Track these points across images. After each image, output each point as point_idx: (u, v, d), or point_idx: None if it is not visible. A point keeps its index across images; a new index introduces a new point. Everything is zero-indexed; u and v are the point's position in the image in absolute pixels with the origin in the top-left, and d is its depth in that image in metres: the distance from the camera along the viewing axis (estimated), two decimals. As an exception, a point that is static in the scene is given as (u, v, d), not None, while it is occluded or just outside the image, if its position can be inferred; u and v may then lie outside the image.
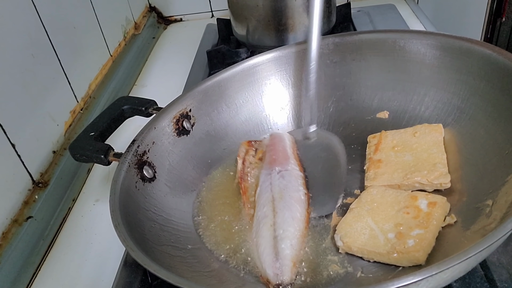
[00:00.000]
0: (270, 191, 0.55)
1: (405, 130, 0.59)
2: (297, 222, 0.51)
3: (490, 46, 0.55)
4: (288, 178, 0.56)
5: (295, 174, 0.57)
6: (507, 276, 0.45)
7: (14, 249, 0.58)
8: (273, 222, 0.51)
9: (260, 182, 0.57)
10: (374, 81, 0.66)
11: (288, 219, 0.51)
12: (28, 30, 0.69)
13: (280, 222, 0.51)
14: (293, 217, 0.51)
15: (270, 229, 0.51)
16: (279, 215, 0.52)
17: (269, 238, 0.50)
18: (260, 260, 0.49)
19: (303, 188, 0.56)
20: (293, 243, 0.49)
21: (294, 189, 0.55)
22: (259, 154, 0.62)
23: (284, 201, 0.53)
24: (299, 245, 0.50)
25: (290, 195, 0.54)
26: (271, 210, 0.52)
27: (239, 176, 0.60)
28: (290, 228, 0.50)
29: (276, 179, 0.56)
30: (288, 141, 0.62)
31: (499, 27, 0.86)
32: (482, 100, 0.55)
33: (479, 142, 0.54)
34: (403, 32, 0.64)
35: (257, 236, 0.51)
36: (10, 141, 0.61)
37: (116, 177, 0.52)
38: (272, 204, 0.53)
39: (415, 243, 0.45)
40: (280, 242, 0.49)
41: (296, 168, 0.58)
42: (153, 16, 1.21)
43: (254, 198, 0.56)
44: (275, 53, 0.69)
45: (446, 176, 0.52)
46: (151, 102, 0.63)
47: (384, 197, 0.52)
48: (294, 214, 0.52)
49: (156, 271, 0.40)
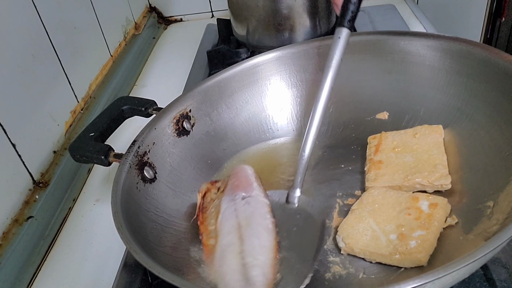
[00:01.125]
0: (236, 217, 0.51)
1: (405, 131, 0.59)
2: (267, 251, 0.48)
3: (490, 48, 0.55)
4: (254, 205, 0.52)
5: (261, 201, 0.53)
6: (507, 276, 0.45)
7: (14, 249, 0.58)
8: (240, 250, 0.47)
9: (222, 209, 0.52)
10: (374, 82, 0.66)
11: (257, 247, 0.48)
12: (28, 30, 0.69)
13: (249, 250, 0.47)
14: (263, 246, 0.48)
15: (238, 257, 0.46)
16: (247, 243, 0.48)
17: (236, 266, 0.46)
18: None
19: (270, 216, 0.52)
20: (265, 271, 0.46)
21: (261, 216, 0.51)
22: (221, 187, 0.57)
23: (251, 228, 0.49)
24: (271, 274, 0.46)
25: (257, 222, 0.50)
26: (237, 237, 0.48)
27: (197, 211, 0.55)
28: (260, 257, 0.47)
29: (241, 205, 0.52)
30: (250, 171, 0.57)
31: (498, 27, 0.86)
32: (482, 102, 0.55)
33: (479, 144, 0.54)
34: (404, 33, 0.64)
35: (222, 265, 0.47)
36: (10, 141, 0.61)
37: (118, 178, 0.52)
38: (239, 231, 0.49)
39: (417, 244, 0.45)
40: (251, 270, 0.45)
41: (261, 194, 0.54)
42: (153, 16, 1.21)
43: (214, 226, 0.51)
44: (276, 53, 0.69)
45: (447, 177, 0.52)
46: (150, 102, 0.63)
47: (386, 198, 0.52)
48: (263, 243, 0.48)
49: (160, 274, 0.40)
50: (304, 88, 0.69)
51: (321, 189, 0.58)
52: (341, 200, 0.56)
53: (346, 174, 0.59)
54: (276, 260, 0.48)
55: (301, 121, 0.69)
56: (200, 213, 0.54)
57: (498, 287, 0.45)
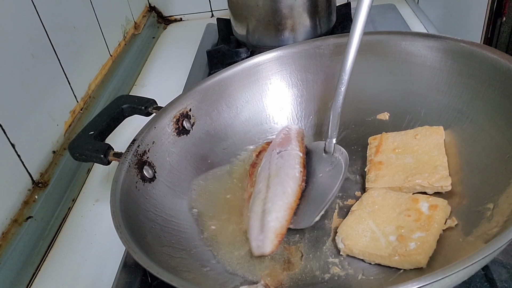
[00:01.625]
0: (268, 169, 0.57)
1: (406, 132, 0.59)
2: (286, 196, 0.53)
3: (493, 49, 0.55)
4: (286, 157, 0.58)
5: (294, 154, 0.58)
6: (507, 276, 0.45)
7: (14, 249, 0.58)
8: (264, 197, 0.53)
9: (261, 163, 0.59)
10: (375, 82, 0.66)
11: (279, 193, 0.53)
12: (28, 30, 0.68)
13: (271, 196, 0.53)
14: (284, 192, 0.53)
15: (261, 203, 0.52)
16: (272, 190, 0.53)
17: (258, 212, 0.52)
18: (248, 233, 0.51)
19: (299, 166, 0.57)
20: (279, 215, 0.51)
21: (290, 167, 0.56)
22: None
23: (278, 177, 0.55)
24: (285, 217, 0.51)
25: (285, 172, 0.55)
26: (265, 186, 0.54)
27: (251, 164, 0.62)
28: (278, 202, 0.52)
29: (275, 159, 0.58)
30: (294, 129, 0.63)
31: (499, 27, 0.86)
32: (484, 104, 0.55)
33: (480, 145, 0.53)
34: (405, 34, 0.64)
35: (250, 210, 0.53)
36: (10, 141, 0.61)
37: (117, 177, 0.52)
38: (267, 180, 0.55)
39: (417, 246, 0.45)
40: (267, 215, 0.51)
41: (296, 148, 0.59)
42: (153, 16, 1.21)
43: (255, 178, 0.58)
44: (277, 52, 0.68)
45: (447, 179, 0.52)
46: (150, 101, 0.63)
47: (385, 199, 0.52)
48: (285, 189, 0.53)
49: (159, 274, 0.40)
50: (305, 88, 0.69)
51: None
52: (340, 200, 0.56)
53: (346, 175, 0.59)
54: (295, 204, 0.53)
55: (301, 121, 0.69)
56: (250, 167, 0.61)
57: (498, 287, 0.45)
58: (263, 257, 0.50)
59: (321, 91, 0.69)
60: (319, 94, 0.69)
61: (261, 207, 0.52)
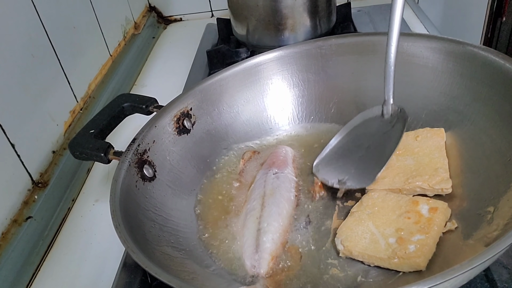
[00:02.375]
0: (263, 188, 0.57)
1: (407, 134, 0.59)
2: (282, 218, 0.53)
3: (495, 52, 0.54)
4: (282, 179, 0.58)
5: (290, 178, 0.58)
6: (508, 276, 0.45)
7: (13, 249, 0.58)
8: (259, 215, 0.53)
9: (255, 180, 0.59)
10: (376, 83, 0.65)
11: (274, 214, 0.53)
12: (28, 30, 0.68)
13: (266, 216, 0.53)
14: (280, 213, 0.53)
15: (256, 222, 0.52)
16: (267, 209, 0.53)
17: (253, 230, 0.52)
18: (242, 250, 0.51)
19: (294, 191, 0.57)
20: (275, 237, 0.51)
21: (286, 189, 0.56)
22: (262, 162, 0.62)
23: (274, 197, 0.55)
24: (280, 240, 0.51)
25: (281, 193, 0.56)
26: (260, 204, 0.54)
27: (238, 172, 0.62)
28: (274, 223, 0.52)
29: (271, 178, 0.58)
30: (290, 152, 0.63)
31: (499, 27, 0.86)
32: (485, 106, 0.55)
33: (481, 148, 0.53)
34: (407, 35, 0.64)
35: (243, 227, 0.53)
36: (9, 141, 0.61)
37: (117, 177, 0.52)
38: (262, 199, 0.55)
39: (416, 249, 0.45)
40: (263, 235, 0.51)
41: (292, 173, 0.59)
42: (153, 16, 1.21)
43: (247, 193, 0.58)
44: (278, 52, 0.68)
45: (448, 181, 0.52)
46: (151, 99, 0.63)
47: (385, 201, 0.51)
48: (281, 210, 0.53)
49: (157, 274, 0.40)
50: (306, 88, 0.69)
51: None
52: (340, 201, 0.56)
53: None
54: (289, 227, 0.53)
55: (302, 122, 0.68)
56: (240, 175, 0.61)
57: (499, 287, 0.45)
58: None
59: (322, 92, 0.68)
60: (320, 94, 0.69)
61: (255, 225, 0.52)
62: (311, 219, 0.54)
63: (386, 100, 0.58)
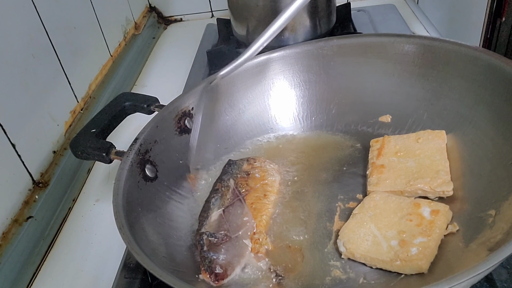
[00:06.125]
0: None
1: (408, 136, 0.59)
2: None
3: (497, 55, 0.54)
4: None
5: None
6: (507, 276, 0.45)
7: (14, 249, 0.58)
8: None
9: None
10: (377, 84, 0.66)
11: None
12: (28, 30, 0.68)
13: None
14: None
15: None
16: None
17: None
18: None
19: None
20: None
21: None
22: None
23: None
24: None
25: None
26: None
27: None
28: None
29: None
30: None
31: (499, 27, 0.86)
32: (487, 109, 0.55)
33: (482, 151, 0.53)
34: (409, 36, 0.64)
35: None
36: (10, 141, 0.61)
37: (119, 177, 0.51)
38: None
39: (418, 251, 0.45)
40: None
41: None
42: (153, 16, 1.21)
43: None
44: (280, 52, 0.68)
45: (449, 184, 0.52)
46: (153, 99, 0.63)
47: (387, 203, 0.51)
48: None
49: (161, 276, 0.40)
50: (308, 89, 0.69)
51: (321, 190, 0.58)
52: (342, 203, 0.56)
53: (348, 177, 0.59)
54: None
55: (304, 122, 0.68)
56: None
57: (498, 287, 0.45)
58: (264, 259, 0.50)
59: (323, 92, 0.68)
60: (321, 95, 0.68)
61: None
62: (312, 222, 0.54)
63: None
